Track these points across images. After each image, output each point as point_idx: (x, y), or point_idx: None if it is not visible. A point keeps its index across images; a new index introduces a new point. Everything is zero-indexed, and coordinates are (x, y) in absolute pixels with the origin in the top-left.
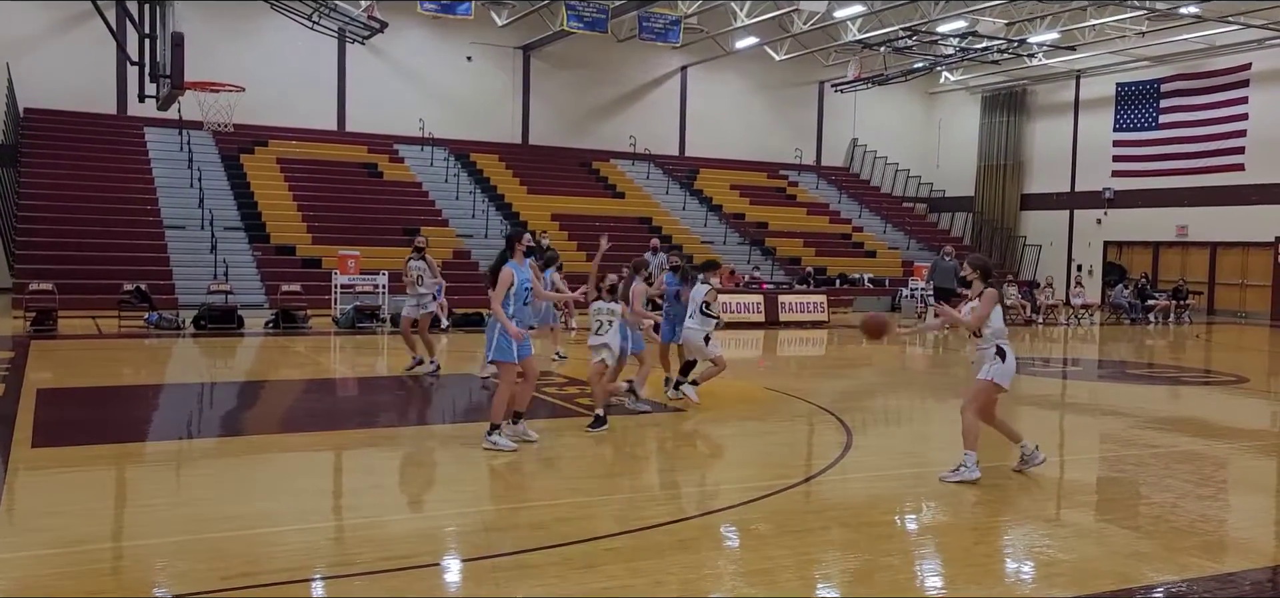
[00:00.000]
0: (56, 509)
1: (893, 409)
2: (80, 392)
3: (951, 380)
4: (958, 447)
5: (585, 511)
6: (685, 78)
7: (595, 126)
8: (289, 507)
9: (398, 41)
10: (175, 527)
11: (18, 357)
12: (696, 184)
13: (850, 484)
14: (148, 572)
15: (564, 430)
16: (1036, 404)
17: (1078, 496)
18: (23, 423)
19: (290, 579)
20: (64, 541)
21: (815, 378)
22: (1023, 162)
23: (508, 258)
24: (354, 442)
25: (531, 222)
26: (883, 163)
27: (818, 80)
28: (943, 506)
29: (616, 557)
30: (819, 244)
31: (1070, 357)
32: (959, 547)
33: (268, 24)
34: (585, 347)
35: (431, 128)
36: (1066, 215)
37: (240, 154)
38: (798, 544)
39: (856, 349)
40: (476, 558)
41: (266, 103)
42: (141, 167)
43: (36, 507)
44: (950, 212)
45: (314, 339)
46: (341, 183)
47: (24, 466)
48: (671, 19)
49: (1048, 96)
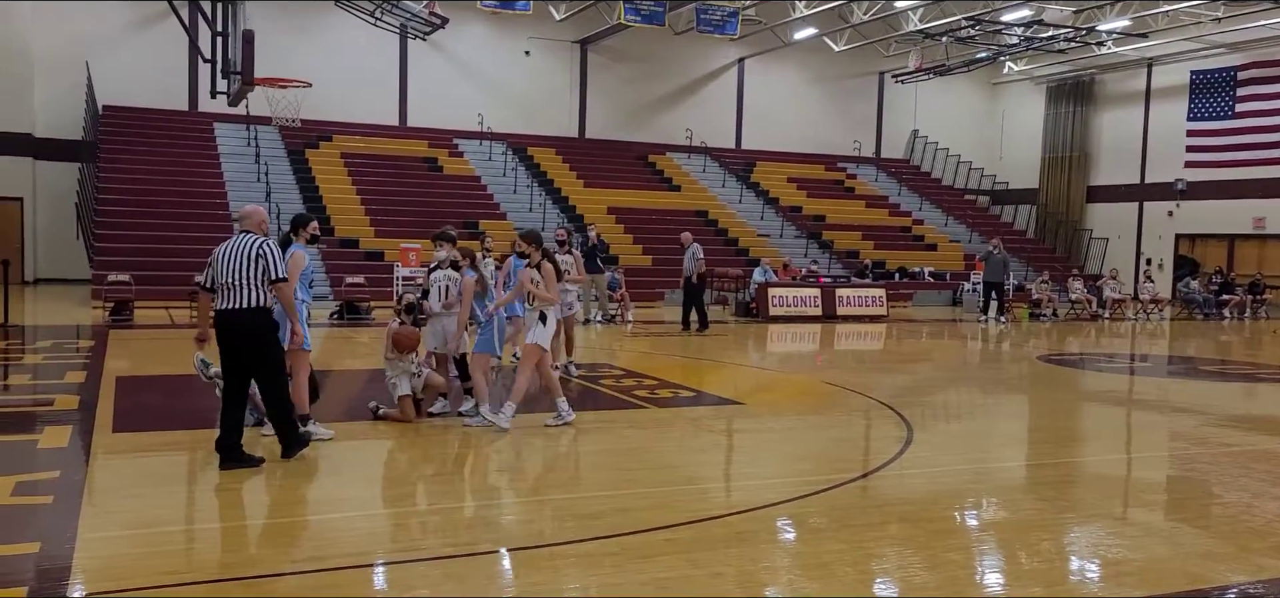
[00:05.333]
0: (135, 492)
1: (954, 405)
2: (156, 379)
3: (1014, 376)
4: (1022, 443)
5: (642, 501)
6: (742, 70)
7: (652, 120)
8: (354, 493)
9: (457, 37)
10: (245, 511)
11: (97, 345)
12: (753, 177)
13: (910, 480)
14: (219, 553)
15: (617, 422)
16: (1102, 401)
17: (1146, 494)
18: (103, 409)
19: (357, 563)
20: (141, 522)
21: (874, 372)
22: (1090, 153)
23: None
24: (412, 432)
25: (588, 215)
26: (944, 155)
27: (877, 71)
28: (1005, 503)
29: (674, 548)
30: (878, 237)
31: (1138, 353)
32: (1022, 544)
33: (333, 21)
34: (639, 339)
35: (490, 122)
36: (1135, 208)
37: (305, 149)
38: (855, 539)
39: (917, 344)
40: (535, 546)
41: (331, 99)
42: (211, 161)
43: (116, 489)
44: (1013, 204)
45: (377, 330)
46: (403, 177)
47: (104, 450)
48: (729, 11)
49: (1117, 86)
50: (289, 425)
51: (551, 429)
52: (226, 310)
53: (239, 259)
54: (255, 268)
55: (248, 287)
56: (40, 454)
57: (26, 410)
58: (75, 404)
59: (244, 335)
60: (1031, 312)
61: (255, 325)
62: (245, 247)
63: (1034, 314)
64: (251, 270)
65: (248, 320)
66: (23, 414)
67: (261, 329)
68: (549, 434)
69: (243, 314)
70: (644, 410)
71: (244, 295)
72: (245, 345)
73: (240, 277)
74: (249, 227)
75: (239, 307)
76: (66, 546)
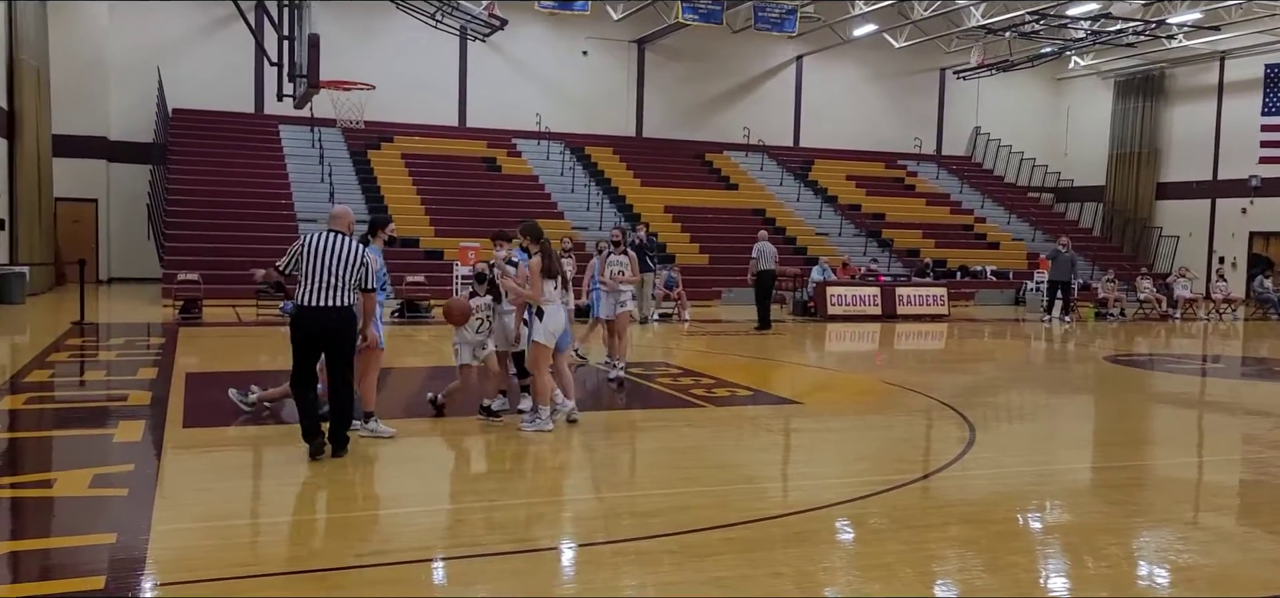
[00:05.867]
0: (205, 485)
1: (1017, 405)
2: (223, 376)
3: (1080, 376)
4: (1089, 445)
5: (700, 500)
6: (800, 67)
7: (709, 118)
8: (416, 489)
9: (516, 38)
10: (311, 505)
11: (168, 342)
12: (811, 175)
13: (972, 481)
14: (286, 547)
15: (675, 421)
16: (1173, 403)
17: (1218, 499)
18: (174, 404)
19: (419, 557)
20: (212, 515)
21: (935, 372)
22: (1159, 149)
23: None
24: (473, 429)
25: (644, 214)
26: (1006, 151)
27: (938, 67)
28: (1071, 506)
29: (732, 547)
30: (939, 235)
31: (1210, 353)
32: (1087, 548)
33: (394, 24)
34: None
35: (548, 122)
36: (1207, 205)
37: (367, 150)
38: (916, 540)
39: (979, 343)
40: (594, 543)
41: (392, 100)
42: (277, 163)
43: (187, 484)
44: (1079, 201)
45: (436, 328)
46: (462, 177)
47: (175, 445)
48: (787, 9)
49: (1188, 80)
50: (346, 423)
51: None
52: (319, 307)
53: (337, 258)
54: (352, 272)
55: (342, 287)
56: (115, 448)
57: (102, 405)
58: (147, 400)
59: (332, 331)
60: (1098, 311)
61: (344, 322)
62: (343, 249)
63: (1100, 314)
64: (348, 273)
65: (339, 318)
66: (99, 409)
67: (348, 326)
68: (608, 434)
69: (335, 312)
70: (702, 409)
71: (339, 294)
72: (330, 341)
73: (337, 276)
74: (340, 227)
75: (332, 305)
76: (141, 538)
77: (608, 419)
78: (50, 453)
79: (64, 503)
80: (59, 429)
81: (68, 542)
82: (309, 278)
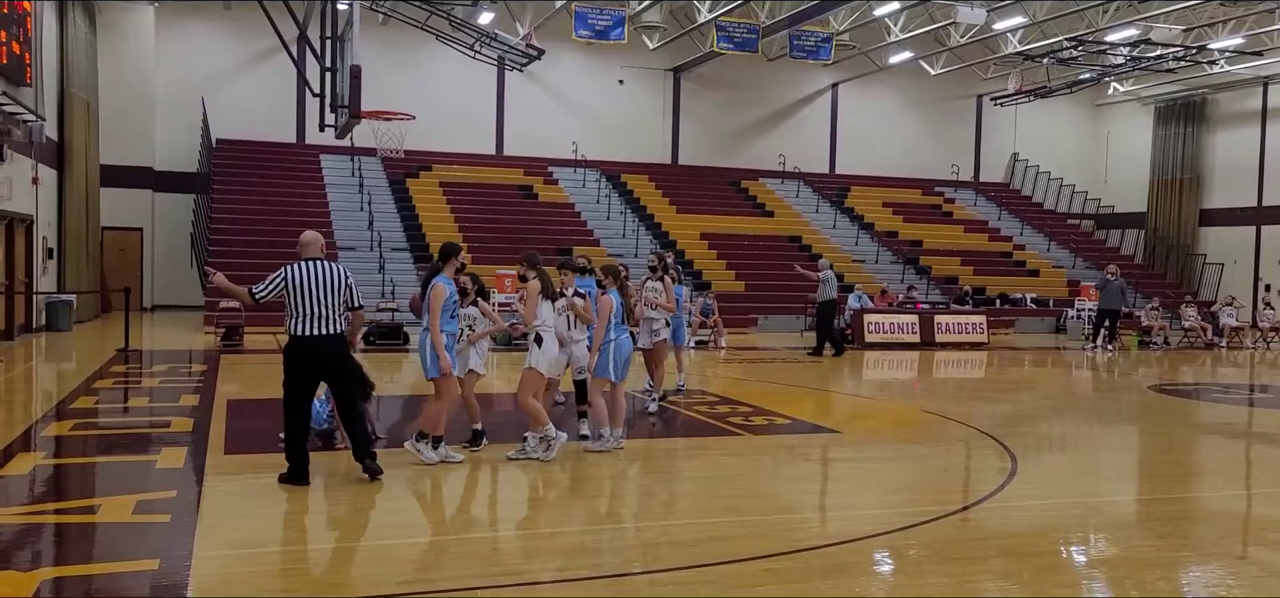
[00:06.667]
0: (246, 511)
1: (1059, 436)
2: (264, 403)
3: (1124, 406)
4: (1134, 477)
5: (738, 530)
6: (836, 95)
7: (744, 146)
8: (456, 518)
9: (553, 67)
10: (351, 533)
11: (209, 369)
12: (847, 202)
13: (1013, 513)
14: (325, 574)
15: (711, 449)
16: (1220, 433)
17: (1268, 532)
18: (216, 431)
19: (459, 587)
20: (252, 541)
21: (975, 401)
22: (1202, 175)
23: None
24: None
25: (680, 241)
26: (1046, 178)
27: (975, 94)
28: (1116, 539)
29: (772, 578)
30: (977, 263)
31: (1258, 382)
32: (1134, 583)
33: (433, 55)
34: (732, 365)
35: (584, 150)
36: (1253, 231)
37: (406, 178)
38: (958, 573)
39: (1020, 372)
40: (632, 573)
41: (431, 130)
42: (318, 191)
43: (229, 509)
44: (1120, 228)
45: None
46: (499, 205)
47: (215, 471)
48: (823, 36)
49: (1230, 105)
50: (368, 445)
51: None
52: (315, 337)
53: (323, 286)
54: (340, 296)
55: (333, 314)
56: (157, 474)
57: (145, 432)
58: (189, 426)
59: (330, 359)
60: (1141, 340)
61: (341, 348)
62: (327, 275)
63: (1144, 342)
64: (336, 298)
65: (335, 347)
66: (142, 436)
67: (345, 352)
68: (646, 461)
69: (329, 341)
70: (739, 437)
71: (330, 322)
72: (329, 368)
73: (327, 305)
74: (316, 253)
75: (326, 334)
76: (183, 563)
77: (645, 447)
78: (94, 479)
79: (107, 529)
80: (103, 455)
81: (112, 568)
82: (299, 311)
